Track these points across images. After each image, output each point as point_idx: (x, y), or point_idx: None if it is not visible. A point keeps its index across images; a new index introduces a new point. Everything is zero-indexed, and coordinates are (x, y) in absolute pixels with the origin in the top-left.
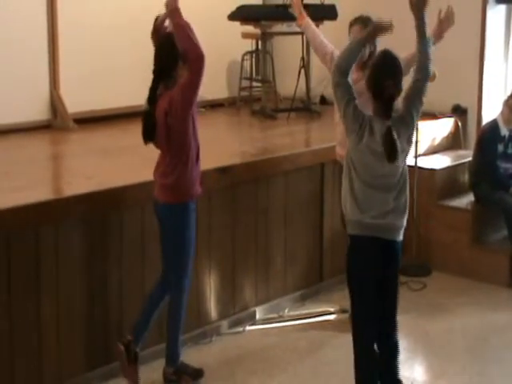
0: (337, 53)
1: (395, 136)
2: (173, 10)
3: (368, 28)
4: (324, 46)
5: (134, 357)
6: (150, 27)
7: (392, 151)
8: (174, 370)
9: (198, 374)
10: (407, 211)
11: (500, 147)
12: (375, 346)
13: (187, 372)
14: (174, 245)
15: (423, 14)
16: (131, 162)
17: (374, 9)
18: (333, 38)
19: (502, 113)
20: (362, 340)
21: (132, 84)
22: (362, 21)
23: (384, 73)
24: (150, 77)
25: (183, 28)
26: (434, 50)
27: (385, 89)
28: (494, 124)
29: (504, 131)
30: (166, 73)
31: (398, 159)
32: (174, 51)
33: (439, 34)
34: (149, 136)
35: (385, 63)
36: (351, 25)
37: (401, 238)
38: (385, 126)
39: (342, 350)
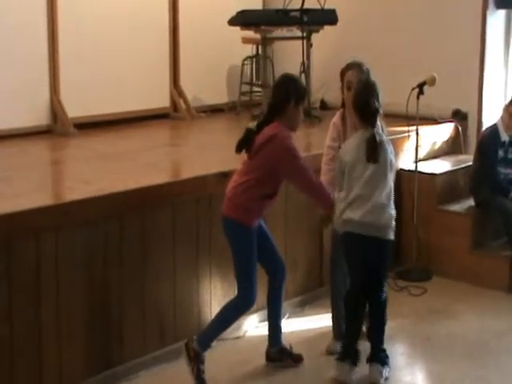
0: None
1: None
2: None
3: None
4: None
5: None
6: (152, 33)
7: (374, 153)
8: (278, 350)
9: (299, 358)
10: None
11: (500, 152)
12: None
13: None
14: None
15: None
16: (131, 167)
17: (373, 14)
18: (333, 43)
19: (502, 118)
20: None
21: (132, 89)
22: (357, 66)
23: (368, 92)
24: (151, 82)
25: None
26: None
27: (370, 104)
28: (494, 129)
29: (504, 136)
30: (277, 108)
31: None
32: (289, 90)
33: None
34: (243, 148)
35: (367, 85)
36: (344, 72)
37: None
38: (369, 133)
39: None
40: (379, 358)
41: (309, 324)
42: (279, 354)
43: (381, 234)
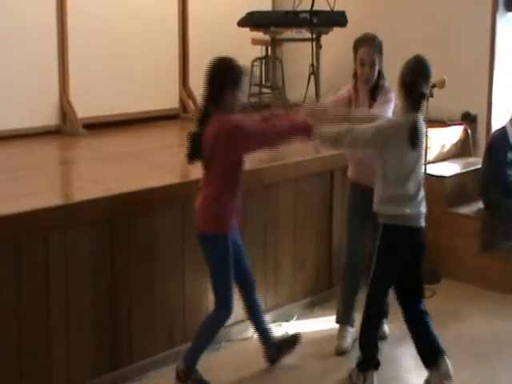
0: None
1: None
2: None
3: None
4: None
5: None
6: (161, 33)
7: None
8: (184, 369)
9: (295, 339)
10: None
11: (509, 155)
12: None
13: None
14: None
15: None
16: (141, 167)
17: (382, 16)
18: (342, 44)
19: (511, 120)
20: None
21: (141, 90)
22: (370, 41)
23: (418, 72)
24: (160, 83)
25: (286, 143)
26: None
27: (418, 86)
28: (503, 132)
29: None
30: (215, 98)
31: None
32: (225, 77)
33: None
34: (194, 157)
35: (419, 65)
36: (357, 47)
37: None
38: (412, 118)
39: (350, 355)
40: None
41: (318, 325)
42: (278, 351)
43: (422, 223)
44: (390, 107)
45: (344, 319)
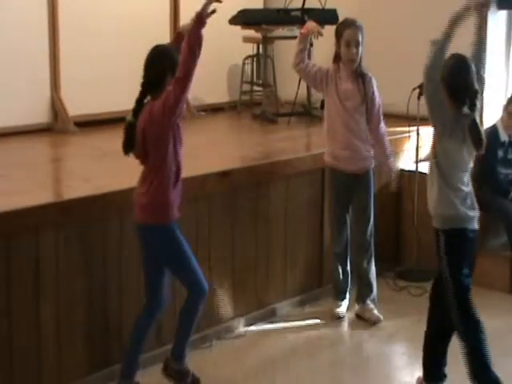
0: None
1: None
2: (206, 16)
3: None
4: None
5: None
6: (152, 31)
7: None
8: (177, 369)
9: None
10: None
11: (500, 153)
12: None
13: (187, 379)
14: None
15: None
16: (131, 165)
17: (374, 14)
18: (333, 42)
19: (502, 118)
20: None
21: (133, 87)
22: (353, 23)
23: (466, 71)
24: None
25: (200, 40)
26: None
27: (469, 86)
28: (493, 129)
29: (504, 137)
30: (153, 85)
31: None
32: (164, 63)
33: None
34: (130, 147)
35: (466, 65)
36: (341, 29)
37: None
38: (470, 119)
39: (342, 352)
40: None
41: (309, 323)
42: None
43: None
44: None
45: (340, 296)
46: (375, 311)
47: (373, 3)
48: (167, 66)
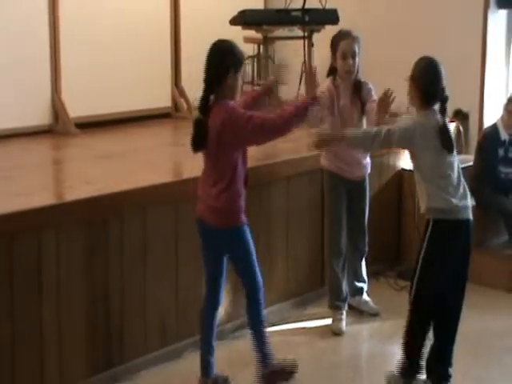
0: None
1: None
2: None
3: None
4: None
5: None
6: (153, 32)
7: (450, 143)
8: (269, 371)
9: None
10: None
11: (500, 152)
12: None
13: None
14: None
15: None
16: (132, 166)
17: (374, 14)
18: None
19: (502, 117)
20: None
21: (133, 89)
22: (350, 34)
23: (439, 77)
24: (152, 82)
25: (294, 128)
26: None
27: (442, 91)
28: (494, 128)
29: (504, 135)
30: (216, 82)
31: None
32: (225, 60)
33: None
34: (200, 144)
35: (438, 69)
36: (337, 41)
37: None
38: (442, 121)
39: (342, 353)
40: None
41: (310, 323)
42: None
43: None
44: None
45: (336, 304)
46: (372, 303)
47: (373, 3)
48: (229, 63)
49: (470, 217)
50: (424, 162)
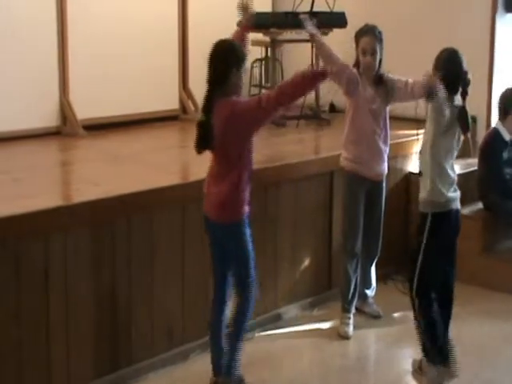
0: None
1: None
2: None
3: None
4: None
5: None
6: (161, 34)
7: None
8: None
9: None
10: None
11: (504, 154)
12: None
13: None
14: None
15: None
16: (140, 168)
17: (382, 17)
18: (342, 45)
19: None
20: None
21: (141, 91)
22: (371, 31)
23: (460, 64)
24: (160, 84)
25: (310, 90)
26: None
27: (464, 75)
28: (495, 131)
29: (507, 136)
30: (219, 82)
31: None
32: (229, 59)
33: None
34: (206, 144)
35: (458, 57)
36: (358, 37)
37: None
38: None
39: (350, 356)
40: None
41: (318, 326)
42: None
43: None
44: None
45: (348, 307)
46: (375, 306)
47: (381, 6)
48: (232, 62)
49: (459, 207)
50: (439, 144)
